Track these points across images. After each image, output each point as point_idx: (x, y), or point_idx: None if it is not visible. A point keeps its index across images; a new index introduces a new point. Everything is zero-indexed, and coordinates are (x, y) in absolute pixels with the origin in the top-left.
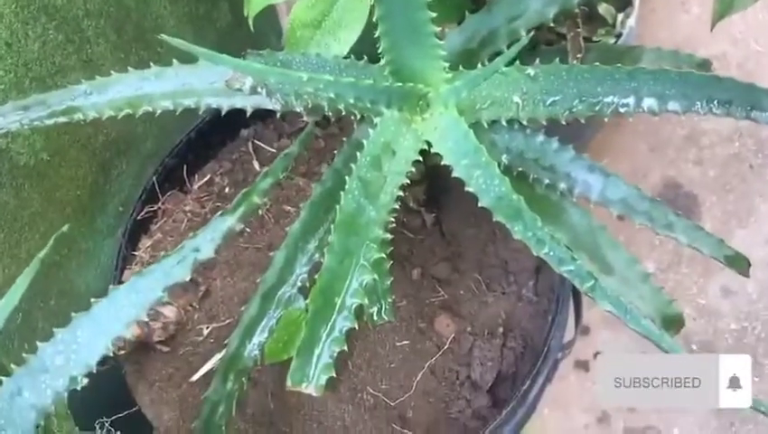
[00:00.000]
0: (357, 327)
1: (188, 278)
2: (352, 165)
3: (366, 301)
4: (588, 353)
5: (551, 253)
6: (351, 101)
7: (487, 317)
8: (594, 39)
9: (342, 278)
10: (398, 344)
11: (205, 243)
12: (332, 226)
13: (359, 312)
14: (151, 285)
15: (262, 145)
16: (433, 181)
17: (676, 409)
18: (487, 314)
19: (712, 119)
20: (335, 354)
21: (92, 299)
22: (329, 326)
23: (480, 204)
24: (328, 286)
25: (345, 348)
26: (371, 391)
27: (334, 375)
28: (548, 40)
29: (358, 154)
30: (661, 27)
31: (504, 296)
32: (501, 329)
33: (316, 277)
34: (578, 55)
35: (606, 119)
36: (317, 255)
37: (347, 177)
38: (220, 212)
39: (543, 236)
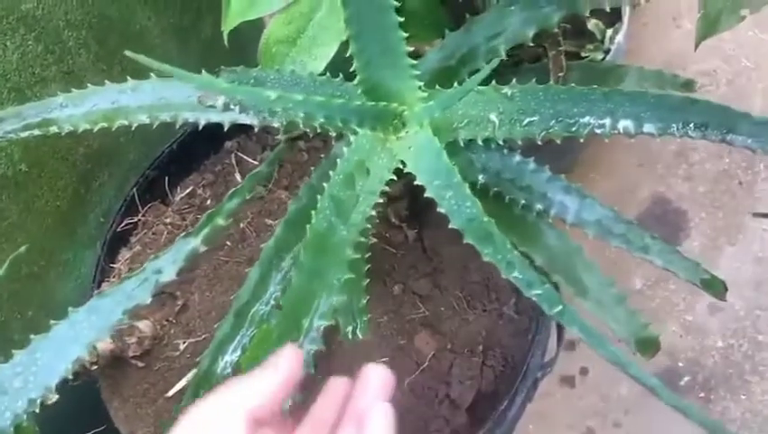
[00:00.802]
0: (326, 349)
1: (149, 301)
2: (325, 184)
3: (335, 322)
4: (574, 369)
5: (520, 277)
6: (322, 120)
7: (467, 335)
8: (583, 54)
9: (311, 299)
10: (377, 360)
11: (167, 265)
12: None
13: (330, 333)
14: (111, 307)
15: (245, 157)
16: (415, 197)
17: (663, 426)
18: (467, 331)
19: None
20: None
21: (51, 322)
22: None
23: (450, 225)
24: (295, 307)
25: (312, 371)
26: None
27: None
28: (536, 56)
29: (331, 172)
30: (652, 43)
31: (485, 313)
32: (481, 347)
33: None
34: (560, 74)
35: (582, 140)
36: (291, 272)
37: (319, 196)
38: (183, 234)
39: (513, 259)
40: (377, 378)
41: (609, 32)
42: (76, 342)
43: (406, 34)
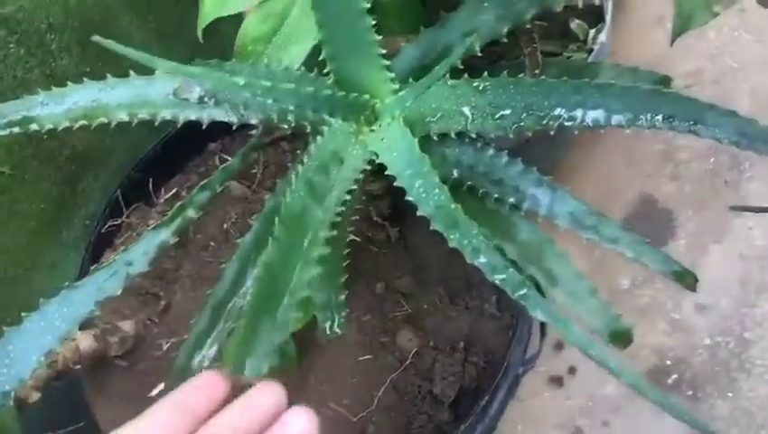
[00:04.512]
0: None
1: (119, 293)
2: (300, 166)
3: (309, 294)
4: (562, 369)
5: (485, 261)
6: (293, 109)
7: (450, 332)
8: (566, 54)
9: (287, 269)
10: (361, 358)
11: (138, 257)
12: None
13: (311, 330)
14: (82, 299)
15: (229, 158)
16: (397, 195)
17: (651, 425)
18: (450, 328)
19: (688, 135)
20: (279, 343)
21: (23, 313)
22: (271, 318)
23: (419, 213)
24: (271, 275)
25: (290, 342)
26: (333, 406)
27: (277, 362)
28: (517, 55)
29: (305, 158)
30: (638, 43)
31: (467, 310)
32: (463, 344)
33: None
34: (536, 71)
35: (552, 133)
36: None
37: (293, 176)
38: (153, 225)
39: (478, 244)
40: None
41: (592, 32)
42: (48, 333)
43: (374, 22)
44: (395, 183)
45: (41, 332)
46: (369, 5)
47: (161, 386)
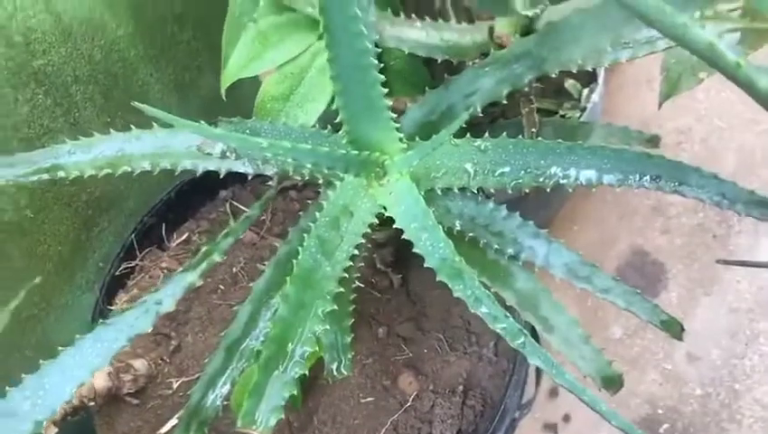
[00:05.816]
0: (306, 374)
1: (149, 330)
2: (311, 224)
3: (317, 348)
4: (557, 416)
5: (487, 311)
6: (309, 167)
7: (449, 376)
8: (561, 112)
9: (296, 328)
10: (363, 400)
11: (167, 297)
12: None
13: (317, 372)
14: (115, 335)
15: (239, 205)
16: (400, 243)
17: None
18: (449, 372)
19: None
20: (286, 398)
21: (59, 347)
22: (281, 372)
23: (426, 265)
24: (281, 334)
25: (295, 392)
26: None
27: (283, 417)
28: (515, 114)
29: (317, 214)
30: (629, 103)
31: (466, 355)
32: (461, 388)
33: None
34: (533, 129)
35: (548, 189)
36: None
37: (306, 235)
38: (180, 268)
39: (481, 295)
40: None
41: (585, 91)
42: (82, 367)
43: (386, 90)
44: (403, 236)
45: (75, 365)
46: (381, 75)
47: (170, 424)
